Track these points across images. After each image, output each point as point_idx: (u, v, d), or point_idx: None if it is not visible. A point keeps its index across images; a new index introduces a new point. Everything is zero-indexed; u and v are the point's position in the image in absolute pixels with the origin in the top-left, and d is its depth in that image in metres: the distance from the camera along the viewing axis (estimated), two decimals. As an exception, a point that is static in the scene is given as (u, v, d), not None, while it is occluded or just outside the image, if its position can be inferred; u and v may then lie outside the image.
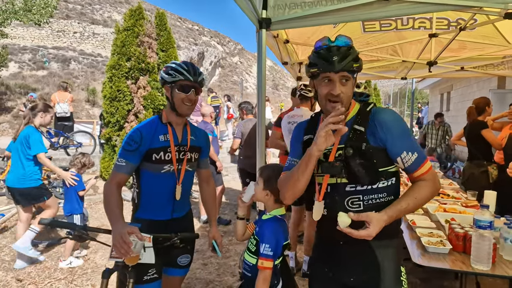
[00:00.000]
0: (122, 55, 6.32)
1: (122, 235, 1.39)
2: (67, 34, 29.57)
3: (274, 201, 1.61)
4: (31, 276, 3.03)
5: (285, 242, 1.56)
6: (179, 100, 1.65)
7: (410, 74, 5.35)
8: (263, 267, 1.48)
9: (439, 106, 13.93)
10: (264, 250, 1.49)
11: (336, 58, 1.18)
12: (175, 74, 1.63)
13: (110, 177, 1.63)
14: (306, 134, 1.38)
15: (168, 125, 1.72)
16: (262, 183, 1.62)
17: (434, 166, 4.94)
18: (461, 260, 1.85)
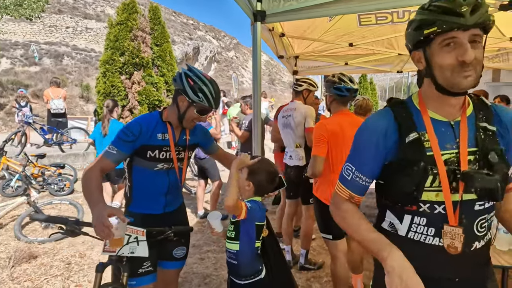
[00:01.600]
0: (115, 49, 6.24)
1: (101, 218, 1.30)
2: (60, 29, 29.15)
3: (253, 193, 1.63)
4: (27, 273, 3.00)
5: (259, 221, 1.57)
6: (191, 118, 1.63)
7: (406, 68, 5.35)
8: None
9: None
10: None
11: (466, 9, 0.86)
12: (203, 98, 1.58)
13: (96, 161, 1.55)
14: (410, 133, 0.98)
15: (168, 124, 1.69)
16: (246, 173, 1.62)
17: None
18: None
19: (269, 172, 1.63)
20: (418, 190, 0.95)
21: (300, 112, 3.11)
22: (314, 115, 3.09)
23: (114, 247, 1.46)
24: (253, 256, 1.58)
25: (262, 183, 1.61)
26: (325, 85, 2.44)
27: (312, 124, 3.01)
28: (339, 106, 2.36)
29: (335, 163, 2.26)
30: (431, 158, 0.95)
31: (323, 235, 2.39)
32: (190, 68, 1.63)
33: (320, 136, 2.24)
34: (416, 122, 0.99)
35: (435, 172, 0.94)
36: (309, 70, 5.46)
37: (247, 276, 1.57)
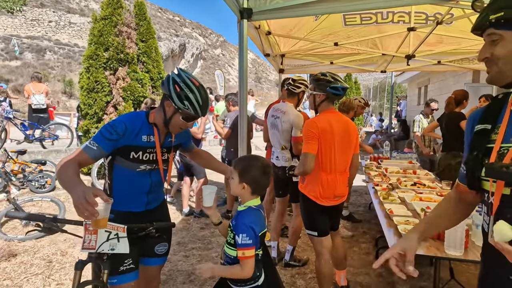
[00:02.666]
0: (99, 44, 6.11)
1: (85, 194, 1.22)
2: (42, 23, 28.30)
3: (250, 193, 1.58)
4: (6, 271, 2.92)
5: (261, 231, 1.55)
6: (177, 124, 1.61)
7: (390, 68, 5.45)
8: (245, 256, 1.46)
9: (417, 99, 14.33)
10: (242, 240, 1.46)
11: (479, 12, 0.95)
12: (188, 106, 1.55)
13: (74, 154, 1.49)
14: (479, 123, 1.03)
15: (154, 126, 1.67)
16: (237, 177, 1.57)
17: (411, 157, 5.11)
18: (435, 246, 1.93)
19: (259, 166, 1.56)
20: (474, 177, 0.99)
21: (289, 119, 3.05)
22: (302, 124, 3.01)
23: (97, 227, 1.38)
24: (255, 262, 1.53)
25: (256, 179, 1.54)
26: (315, 84, 2.40)
27: (299, 133, 2.97)
28: (329, 105, 2.38)
29: (324, 161, 2.29)
30: (488, 150, 0.97)
31: (308, 232, 2.42)
32: (179, 73, 1.58)
33: (310, 133, 2.25)
34: (500, 115, 1.00)
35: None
36: (295, 68, 5.49)
37: (243, 282, 1.53)
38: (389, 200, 2.82)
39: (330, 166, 2.31)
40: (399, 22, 3.80)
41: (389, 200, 2.82)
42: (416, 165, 4.50)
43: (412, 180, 3.46)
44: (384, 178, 3.67)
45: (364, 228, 4.32)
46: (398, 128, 13.79)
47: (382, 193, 3.00)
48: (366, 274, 3.10)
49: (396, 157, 5.23)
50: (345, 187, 2.45)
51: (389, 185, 3.32)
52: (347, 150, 2.40)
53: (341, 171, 2.39)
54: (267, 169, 1.59)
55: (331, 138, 2.28)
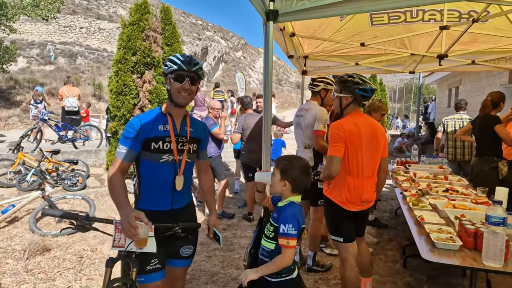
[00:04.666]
0: (128, 49, 6.32)
1: (129, 219, 1.45)
2: (74, 30, 29.74)
3: (291, 191, 1.65)
4: (40, 265, 3.07)
5: (302, 225, 1.60)
6: (174, 90, 1.67)
7: (419, 68, 5.25)
8: (289, 246, 1.53)
9: (447, 101, 13.72)
10: (288, 230, 1.53)
11: None
12: (170, 64, 1.67)
13: (112, 164, 1.66)
14: None
15: (168, 115, 1.74)
16: (278, 174, 1.66)
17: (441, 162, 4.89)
18: (471, 257, 1.83)
19: (301, 166, 1.65)
20: None
21: (311, 114, 3.08)
22: (325, 118, 3.04)
23: (138, 246, 1.52)
24: None
25: (297, 178, 1.63)
26: (341, 86, 2.34)
27: (321, 127, 2.97)
28: (356, 107, 2.32)
29: (351, 165, 2.23)
30: None
31: (333, 237, 2.36)
32: None
33: (337, 136, 2.19)
34: None
35: None
36: (318, 70, 5.42)
37: (278, 274, 1.58)
38: (419, 206, 2.70)
39: (357, 170, 2.25)
40: (429, 21, 3.66)
41: (419, 206, 2.70)
42: (448, 171, 4.30)
43: (443, 186, 3.30)
44: (413, 184, 3.53)
45: (390, 234, 4.17)
46: (425, 131, 13.26)
47: (411, 199, 2.88)
48: (393, 283, 2.99)
49: (425, 161, 5.02)
50: (373, 192, 2.38)
51: (419, 191, 3.19)
52: (374, 153, 2.33)
53: (369, 176, 2.32)
54: (307, 169, 1.67)
55: (358, 141, 2.22)
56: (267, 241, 1.65)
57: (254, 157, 4.39)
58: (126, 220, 1.46)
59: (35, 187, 5.13)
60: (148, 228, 1.50)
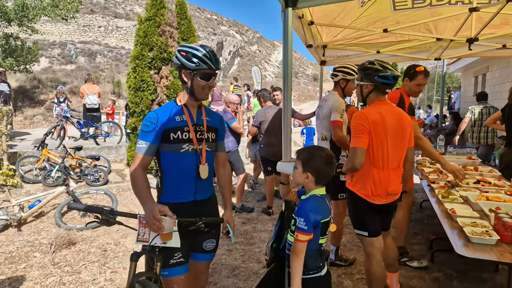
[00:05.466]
0: (145, 45, 6.37)
1: (153, 212, 1.45)
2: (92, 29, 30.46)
3: (314, 183, 1.59)
4: (66, 259, 3.16)
5: (323, 219, 1.53)
6: (199, 87, 1.66)
7: (445, 54, 5.00)
8: (298, 239, 1.50)
9: (473, 89, 13.10)
10: (299, 224, 1.51)
11: None
12: (199, 63, 1.61)
13: (134, 160, 1.65)
14: None
15: (184, 107, 1.73)
16: (300, 166, 1.60)
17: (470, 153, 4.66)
18: (510, 252, 1.71)
19: (323, 156, 1.58)
20: None
21: (328, 104, 3.03)
22: (342, 108, 2.97)
23: (164, 240, 1.51)
24: (314, 251, 1.56)
25: (319, 169, 1.57)
26: (362, 73, 2.27)
27: (338, 117, 2.90)
28: (378, 95, 2.22)
29: (376, 156, 2.13)
30: None
31: (357, 232, 2.28)
32: (180, 45, 1.69)
33: (360, 126, 2.10)
34: None
35: None
36: (337, 59, 5.26)
37: (306, 270, 1.54)
38: (450, 199, 2.56)
39: (382, 161, 2.15)
40: (457, 4, 3.44)
41: (450, 199, 2.56)
42: (477, 161, 4.09)
43: (474, 178, 3.13)
44: (440, 175, 3.37)
45: (415, 228, 4.02)
46: (450, 121, 12.74)
47: (440, 191, 2.74)
48: (420, 278, 2.88)
49: (453, 152, 4.79)
50: (399, 184, 2.27)
51: (447, 183, 3.04)
52: (400, 144, 2.22)
53: (395, 167, 2.22)
54: (330, 160, 1.60)
55: (383, 131, 2.12)
56: (291, 235, 1.62)
57: (273, 150, 4.34)
58: (150, 214, 1.45)
59: (60, 183, 5.29)
60: (172, 222, 1.48)
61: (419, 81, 2.88)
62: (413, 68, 2.92)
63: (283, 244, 2.07)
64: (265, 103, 4.67)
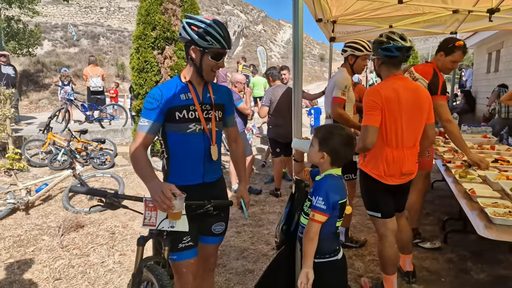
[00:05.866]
0: (147, 24, 6.16)
1: (163, 189, 1.33)
2: (94, 10, 29.94)
3: (330, 164, 1.49)
4: (75, 241, 3.16)
5: (341, 199, 1.45)
6: (209, 67, 1.54)
7: (462, 28, 4.75)
8: (313, 219, 1.42)
9: (486, 66, 12.64)
10: (316, 203, 1.42)
11: None
12: (212, 41, 1.47)
13: (135, 139, 1.56)
14: None
15: (189, 84, 1.60)
16: (317, 144, 1.50)
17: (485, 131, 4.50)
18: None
19: (342, 135, 1.47)
20: None
21: (332, 80, 2.94)
22: (345, 85, 2.84)
23: (173, 219, 1.42)
24: (330, 234, 1.49)
25: (337, 149, 1.46)
26: (372, 48, 2.17)
27: (339, 94, 2.80)
28: (390, 70, 2.08)
29: (389, 134, 2.02)
30: None
31: (370, 213, 2.20)
32: (190, 17, 1.51)
33: (372, 103, 1.98)
34: None
35: None
36: (348, 35, 5.03)
37: (322, 254, 1.47)
38: (468, 179, 2.45)
39: (396, 140, 2.03)
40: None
41: (468, 179, 2.45)
42: (493, 140, 3.94)
43: (491, 157, 3.00)
44: (456, 155, 3.25)
45: (427, 209, 3.94)
46: (461, 99, 12.39)
47: (457, 171, 2.63)
48: (433, 259, 2.81)
49: (467, 131, 4.63)
50: (414, 163, 2.16)
51: (464, 162, 2.92)
52: (417, 121, 2.10)
53: (410, 146, 2.10)
54: (350, 140, 1.48)
55: (397, 108, 1.99)
56: (305, 218, 1.54)
57: (281, 131, 4.23)
58: (159, 191, 1.32)
59: (66, 166, 5.29)
60: (183, 200, 1.38)
61: (456, 58, 2.66)
62: (451, 42, 2.67)
63: (293, 227, 2.02)
64: (273, 82, 4.52)
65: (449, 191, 4.58)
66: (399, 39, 1.98)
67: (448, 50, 2.67)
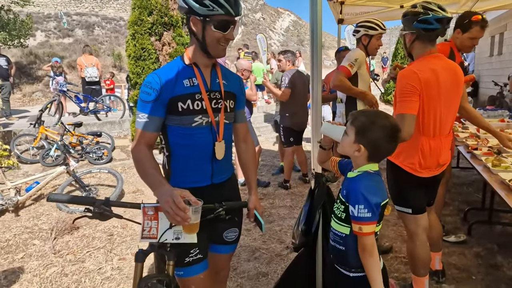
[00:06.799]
0: (143, 8, 5.80)
1: (174, 198, 1.08)
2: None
3: (366, 159, 1.23)
4: (69, 246, 2.91)
5: (382, 201, 1.20)
6: (214, 40, 1.26)
7: (477, 7, 4.43)
8: (363, 233, 1.17)
9: (489, 50, 12.27)
10: (359, 213, 1.16)
11: None
12: (213, 6, 1.20)
13: (136, 138, 1.30)
14: None
15: (194, 66, 1.32)
16: (353, 134, 1.22)
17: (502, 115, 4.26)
18: None
19: (386, 127, 1.20)
20: None
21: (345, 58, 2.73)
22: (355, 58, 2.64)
23: (189, 232, 1.18)
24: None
25: (378, 143, 1.20)
26: (403, 21, 1.87)
27: (345, 64, 2.62)
28: (426, 47, 1.80)
29: (427, 122, 1.77)
30: None
31: (399, 209, 1.96)
32: None
33: (410, 87, 1.70)
34: None
35: None
36: (356, 17, 4.72)
37: (359, 267, 1.22)
38: (502, 167, 2.21)
39: (434, 128, 1.79)
40: None
41: (502, 167, 2.21)
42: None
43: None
44: (480, 140, 3.00)
45: (445, 197, 3.70)
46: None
47: (489, 158, 2.38)
48: (460, 254, 2.60)
49: (483, 115, 4.37)
50: (449, 151, 1.94)
51: (491, 149, 2.68)
52: (454, 105, 1.87)
53: (446, 133, 1.87)
54: (395, 133, 1.21)
55: (436, 93, 1.73)
56: (338, 223, 1.28)
57: (297, 120, 4.07)
58: (170, 201, 1.08)
59: (60, 162, 4.99)
60: (199, 209, 1.14)
61: (474, 34, 2.40)
62: (467, 17, 2.41)
63: (314, 227, 1.78)
64: (289, 66, 4.25)
65: (464, 179, 4.41)
66: (439, 9, 1.69)
67: (465, 26, 2.42)
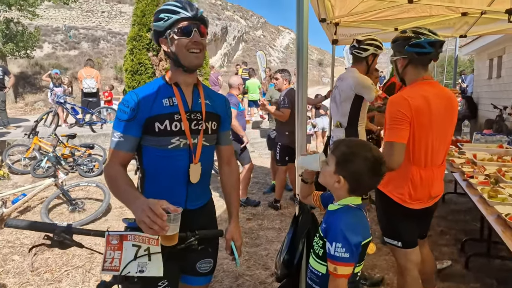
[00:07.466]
0: (142, 25, 5.91)
1: (151, 206, 1.01)
2: (96, 14, 29.85)
3: (347, 191, 1.14)
4: (47, 263, 2.80)
5: (364, 240, 1.10)
6: (182, 48, 1.22)
7: (472, 31, 4.45)
8: (337, 274, 1.07)
9: (487, 72, 12.38)
10: (336, 252, 1.07)
11: None
12: (167, 16, 1.21)
13: (109, 157, 1.23)
14: None
15: (174, 86, 1.28)
16: (333, 165, 1.15)
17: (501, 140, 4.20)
18: None
19: (368, 159, 1.11)
20: None
21: (349, 84, 2.59)
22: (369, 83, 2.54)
23: (167, 243, 1.10)
24: (349, 285, 1.12)
25: (359, 176, 1.12)
26: (393, 47, 1.83)
27: (373, 94, 2.50)
28: (419, 72, 1.74)
29: (417, 152, 1.69)
30: None
31: (388, 241, 1.86)
32: None
33: (400, 115, 1.62)
34: None
35: None
36: (351, 38, 4.75)
37: None
38: (499, 199, 2.11)
39: (425, 158, 1.71)
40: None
41: (499, 199, 2.11)
42: (511, 150, 3.60)
43: (518, 172, 2.67)
44: (476, 167, 2.92)
45: (441, 225, 3.59)
46: (462, 106, 12.12)
47: (485, 189, 2.29)
48: (456, 289, 2.47)
49: (480, 139, 4.31)
50: (442, 183, 1.84)
51: (488, 177, 2.59)
52: (447, 135, 1.79)
53: (439, 164, 1.78)
54: (378, 167, 1.12)
55: (428, 122, 1.66)
56: (316, 260, 1.18)
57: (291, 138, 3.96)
58: (147, 209, 1.01)
59: (50, 174, 4.91)
60: (179, 217, 1.06)
61: None
62: None
63: (297, 258, 1.68)
64: (287, 85, 4.23)
65: (462, 205, 4.29)
66: (430, 33, 1.66)
67: None
